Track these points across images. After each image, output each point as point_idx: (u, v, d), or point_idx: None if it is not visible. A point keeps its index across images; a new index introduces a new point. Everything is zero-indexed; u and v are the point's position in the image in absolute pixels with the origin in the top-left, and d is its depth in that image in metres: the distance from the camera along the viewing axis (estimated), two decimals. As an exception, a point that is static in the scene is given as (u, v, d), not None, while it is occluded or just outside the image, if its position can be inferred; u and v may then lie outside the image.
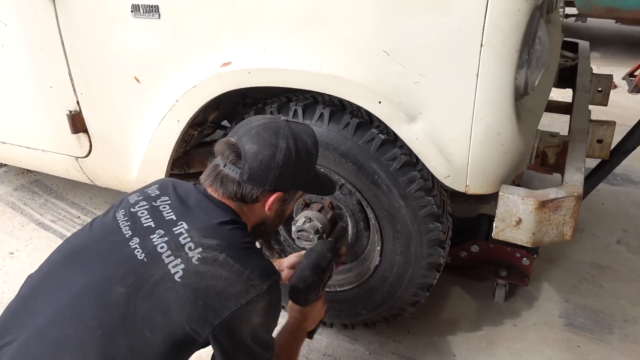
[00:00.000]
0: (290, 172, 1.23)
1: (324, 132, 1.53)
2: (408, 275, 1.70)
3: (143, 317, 1.06)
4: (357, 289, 1.82)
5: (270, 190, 1.23)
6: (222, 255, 1.11)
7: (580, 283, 2.22)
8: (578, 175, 1.47)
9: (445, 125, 1.37)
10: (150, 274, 1.09)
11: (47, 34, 1.78)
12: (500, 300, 2.09)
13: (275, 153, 1.20)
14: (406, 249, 1.65)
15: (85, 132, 1.94)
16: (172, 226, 1.16)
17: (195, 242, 1.12)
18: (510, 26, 1.23)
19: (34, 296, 1.15)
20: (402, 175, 1.52)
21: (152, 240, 1.13)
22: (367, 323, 1.92)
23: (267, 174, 1.20)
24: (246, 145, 1.20)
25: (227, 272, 1.10)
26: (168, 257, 1.10)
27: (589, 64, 2.41)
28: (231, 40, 1.50)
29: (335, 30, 1.37)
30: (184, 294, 1.07)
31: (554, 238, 1.41)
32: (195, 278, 1.08)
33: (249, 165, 1.19)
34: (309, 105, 1.56)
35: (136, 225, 1.17)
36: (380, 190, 1.56)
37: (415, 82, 1.34)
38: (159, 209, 1.20)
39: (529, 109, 1.49)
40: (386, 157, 1.51)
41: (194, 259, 1.10)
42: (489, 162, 1.39)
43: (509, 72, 1.27)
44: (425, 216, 1.58)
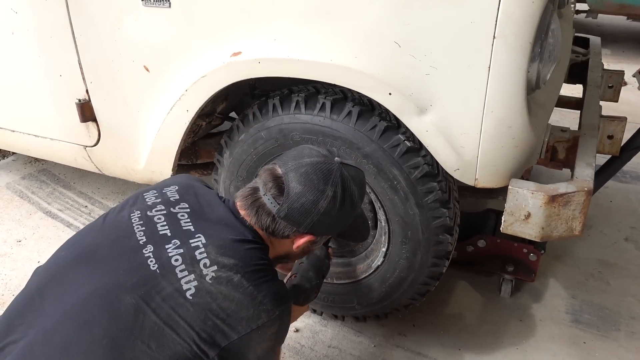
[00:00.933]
0: (329, 221, 1.21)
1: (349, 130, 1.51)
2: (409, 280, 1.71)
3: (151, 331, 1.03)
4: (355, 285, 1.83)
5: (303, 233, 1.22)
6: (237, 276, 1.08)
7: (587, 280, 2.21)
8: (588, 170, 1.46)
9: (456, 117, 1.36)
10: (161, 286, 1.06)
11: (58, 22, 1.78)
12: (506, 295, 2.09)
13: (319, 200, 1.17)
14: (412, 255, 1.65)
15: (94, 121, 1.94)
16: (189, 238, 1.12)
17: (211, 259, 1.09)
18: (524, 18, 1.22)
19: (41, 295, 1.12)
20: (422, 184, 1.52)
21: (167, 251, 1.10)
22: (357, 317, 1.93)
23: (305, 218, 1.18)
24: (291, 183, 1.17)
25: (241, 294, 1.07)
26: (182, 272, 1.07)
27: (600, 59, 2.39)
28: (241, 30, 1.49)
29: (346, 21, 1.37)
30: (194, 312, 1.05)
31: (562, 233, 1.40)
32: (208, 297, 1.06)
33: (289, 204, 1.17)
34: (338, 100, 1.53)
35: (152, 232, 1.14)
36: (397, 196, 1.56)
37: (426, 74, 1.33)
38: (177, 217, 1.17)
39: (540, 103, 1.48)
40: (409, 164, 1.50)
41: (208, 277, 1.07)
42: (499, 156, 1.38)
43: (522, 64, 1.26)
44: (437, 227, 1.58)
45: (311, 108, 1.55)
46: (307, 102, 1.56)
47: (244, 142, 1.68)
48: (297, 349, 1.88)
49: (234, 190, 1.78)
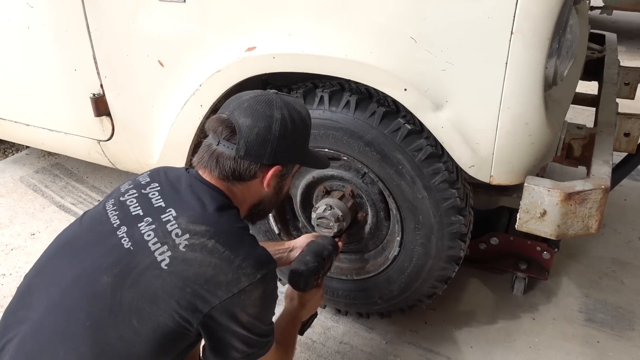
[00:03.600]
0: (287, 143, 1.18)
1: (349, 119, 1.52)
2: (427, 267, 1.69)
3: (130, 307, 1.03)
4: (375, 278, 1.82)
5: (268, 164, 1.18)
6: (210, 241, 1.07)
7: (601, 278, 2.19)
8: (605, 168, 1.45)
9: (472, 114, 1.35)
10: (136, 262, 1.06)
11: (73, 16, 1.79)
12: (519, 293, 2.08)
13: (271, 124, 1.15)
14: (427, 240, 1.63)
15: (108, 116, 1.95)
16: (161, 213, 1.12)
17: (182, 228, 1.08)
18: (542, 13, 1.20)
19: (29, 292, 1.14)
20: (427, 166, 1.51)
21: (140, 229, 1.10)
22: (382, 313, 1.92)
23: (264, 147, 1.15)
24: (240, 119, 1.15)
25: (217, 259, 1.06)
26: (154, 245, 1.07)
27: (616, 56, 2.37)
28: (256, 25, 1.49)
29: (361, 16, 1.36)
30: (171, 282, 1.04)
31: (578, 231, 1.39)
32: (183, 265, 1.05)
33: (244, 139, 1.14)
34: (336, 92, 1.55)
35: (125, 214, 1.14)
36: (404, 181, 1.55)
37: (442, 70, 1.32)
38: (148, 197, 1.16)
39: (557, 99, 1.47)
40: (412, 147, 1.50)
41: (181, 245, 1.06)
42: (515, 153, 1.37)
43: (539, 61, 1.25)
44: (448, 209, 1.56)
45: (310, 103, 1.56)
46: (305, 97, 1.57)
47: None
48: (308, 345, 1.89)
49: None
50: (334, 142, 1.57)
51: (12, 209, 2.71)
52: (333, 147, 1.59)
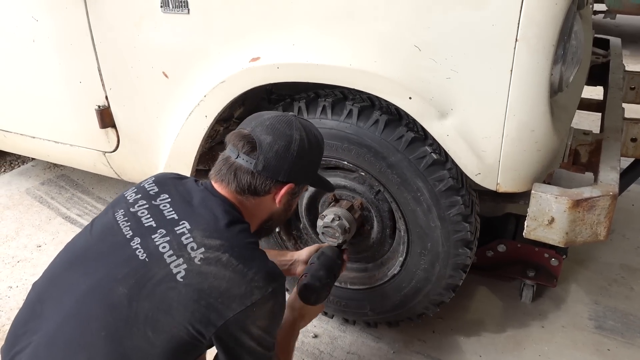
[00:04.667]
0: (303, 163, 1.23)
1: (376, 138, 1.50)
2: (425, 290, 1.71)
3: (146, 318, 1.05)
4: (370, 291, 1.82)
5: (283, 181, 1.22)
6: (225, 255, 1.09)
7: (610, 285, 2.17)
8: (613, 174, 1.44)
9: (477, 121, 1.34)
10: (152, 274, 1.07)
11: (77, 29, 1.80)
12: (527, 301, 2.06)
13: (291, 144, 1.20)
14: (430, 267, 1.64)
15: (113, 127, 1.96)
16: (174, 225, 1.14)
17: (197, 242, 1.10)
18: (546, 20, 1.20)
19: (40, 302, 1.14)
20: (445, 198, 1.51)
21: (154, 240, 1.12)
22: (369, 322, 1.92)
23: (282, 165, 1.20)
24: (261, 136, 1.19)
25: (231, 272, 1.08)
26: (170, 257, 1.09)
27: (621, 61, 2.36)
28: (260, 36, 1.49)
29: (365, 25, 1.36)
30: (186, 294, 1.05)
31: (587, 238, 1.38)
32: (198, 278, 1.07)
33: (264, 155, 1.18)
34: (366, 107, 1.52)
35: (137, 224, 1.16)
36: (419, 208, 1.55)
37: (447, 78, 1.32)
38: (159, 208, 1.18)
39: (563, 106, 1.46)
40: (434, 177, 1.49)
41: (197, 259, 1.08)
42: (522, 160, 1.36)
43: (545, 67, 1.24)
44: (457, 240, 1.57)
45: (338, 114, 1.54)
46: (333, 108, 1.55)
47: None
48: (315, 355, 1.87)
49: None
50: (355, 157, 1.56)
51: (18, 221, 2.72)
52: (353, 161, 1.58)
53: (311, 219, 1.88)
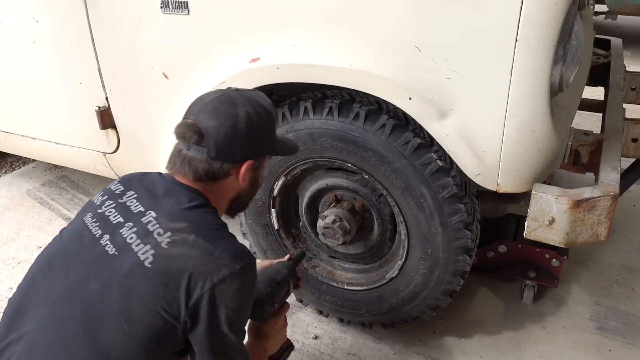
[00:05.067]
0: (256, 138, 1.19)
1: (382, 142, 1.50)
2: (422, 295, 1.71)
3: (119, 310, 1.04)
4: (366, 293, 1.82)
5: (240, 160, 1.19)
6: (191, 236, 1.08)
7: (612, 286, 2.16)
8: (614, 175, 1.43)
9: (477, 122, 1.34)
10: (121, 265, 1.07)
11: (78, 30, 1.80)
12: (528, 301, 2.05)
13: (237, 122, 1.16)
14: (429, 272, 1.64)
15: (113, 128, 1.96)
16: (141, 217, 1.13)
17: (164, 227, 1.10)
18: (546, 20, 1.20)
19: (19, 314, 1.14)
20: (449, 205, 1.51)
21: (122, 234, 1.11)
22: (364, 323, 1.92)
23: (234, 146, 1.16)
24: (206, 123, 1.15)
25: (198, 251, 1.07)
26: (137, 246, 1.08)
27: (622, 61, 2.35)
28: (260, 36, 1.49)
29: (365, 26, 1.36)
30: (155, 279, 1.04)
31: (587, 239, 1.38)
32: (166, 261, 1.06)
33: (214, 141, 1.15)
34: (372, 111, 1.51)
35: (105, 223, 1.15)
36: (422, 214, 1.55)
37: (447, 78, 1.32)
38: (126, 205, 1.17)
39: (563, 106, 1.46)
40: (438, 183, 1.49)
41: (163, 243, 1.07)
42: (522, 160, 1.36)
43: (545, 67, 1.24)
44: (457, 247, 1.57)
45: (345, 115, 1.53)
46: (340, 109, 1.54)
47: None
48: (316, 356, 1.87)
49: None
50: (359, 160, 1.56)
51: (19, 222, 2.72)
52: (358, 164, 1.58)
53: (311, 219, 1.88)
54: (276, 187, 1.78)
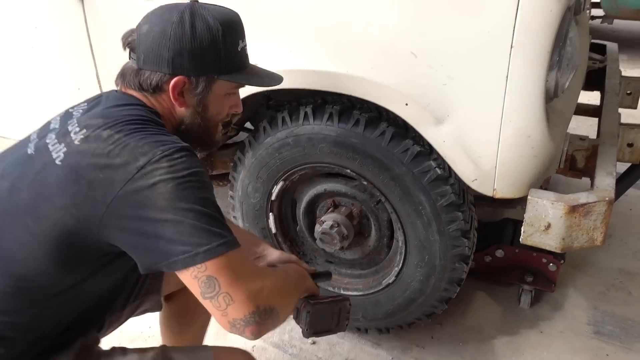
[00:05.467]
0: (187, 49, 1.05)
1: (382, 149, 1.50)
2: (418, 302, 1.71)
3: (26, 207, 0.99)
4: (363, 298, 1.83)
5: (170, 74, 1.07)
6: (106, 131, 0.99)
7: (609, 290, 2.17)
8: (609, 180, 1.44)
9: (474, 127, 1.35)
10: (34, 164, 1.02)
11: (76, 35, 1.80)
12: (525, 306, 2.06)
13: (166, 28, 1.05)
14: (426, 279, 1.65)
15: (111, 134, 1.96)
16: (68, 119, 1.06)
17: (81, 125, 1.02)
18: (541, 27, 1.21)
19: None
20: (446, 213, 1.52)
21: (46, 137, 1.05)
22: (359, 328, 1.93)
23: (160, 53, 1.05)
24: (141, 27, 1.08)
25: (111, 145, 0.97)
26: (53, 146, 1.01)
27: (617, 66, 2.37)
28: (257, 43, 1.49)
29: (362, 32, 1.37)
30: (64, 176, 0.97)
31: (584, 244, 1.38)
32: (76, 157, 0.98)
33: (142, 47, 1.06)
34: (372, 118, 1.51)
35: (43, 129, 1.10)
36: (420, 221, 1.55)
37: (444, 84, 1.33)
38: (72, 113, 1.10)
39: (559, 111, 1.47)
40: (436, 191, 1.50)
41: (77, 140, 0.99)
42: (518, 166, 1.37)
43: (540, 73, 1.25)
44: (454, 255, 1.58)
45: (344, 122, 1.53)
46: (341, 116, 1.54)
47: (270, 146, 1.68)
48: (314, 361, 1.87)
49: (252, 190, 1.79)
50: (359, 166, 1.56)
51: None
52: (357, 170, 1.58)
53: (308, 223, 1.89)
54: (274, 191, 1.78)
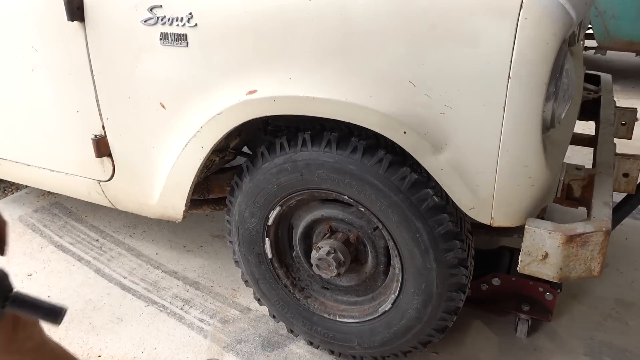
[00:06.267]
0: None
1: (380, 177, 1.51)
2: (415, 330, 1.70)
3: None
4: (358, 325, 1.81)
5: None
6: None
7: (605, 320, 2.16)
8: (606, 210, 1.45)
9: (471, 156, 1.36)
10: None
11: (77, 59, 1.82)
12: (522, 335, 2.04)
13: None
14: (423, 307, 1.64)
15: (109, 156, 1.96)
16: None
17: None
18: (538, 59, 1.23)
19: None
20: (444, 241, 1.52)
21: None
22: (354, 356, 1.90)
23: None
24: None
25: None
26: None
27: (612, 96, 2.40)
28: (257, 69, 1.52)
29: (361, 61, 1.38)
30: None
31: (581, 274, 1.38)
32: None
33: None
34: (370, 145, 1.52)
35: None
36: (417, 249, 1.55)
37: (441, 113, 1.34)
38: None
39: (555, 141, 1.48)
40: (434, 219, 1.50)
41: None
42: (515, 195, 1.37)
43: (537, 104, 1.26)
44: (452, 284, 1.58)
45: (342, 148, 1.54)
46: (339, 142, 1.55)
47: (267, 171, 1.68)
48: (308, 390, 1.84)
49: (249, 215, 1.79)
50: (356, 193, 1.57)
51: (9, 248, 2.69)
52: (354, 197, 1.58)
53: (305, 249, 1.88)
54: (271, 216, 1.77)
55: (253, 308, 2.24)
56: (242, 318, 2.20)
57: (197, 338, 2.10)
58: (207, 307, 2.27)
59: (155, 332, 2.14)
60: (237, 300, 2.31)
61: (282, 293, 1.92)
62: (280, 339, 2.07)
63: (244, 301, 2.30)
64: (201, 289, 2.40)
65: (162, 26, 1.59)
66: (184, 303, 2.30)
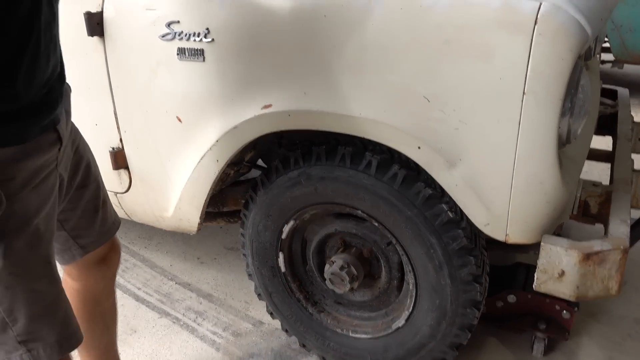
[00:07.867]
0: None
1: (393, 192, 1.51)
2: (429, 347, 1.68)
3: None
4: (372, 341, 1.79)
5: None
6: None
7: (625, 340, 2.11)
8: (623, 227, 1.43)
9: (486, 172, 1.35)
10: None
11: (96, 74, 1.85)
12: (539, 354, 2.00)
13: None
14: (437, 324, 1.63)
15: (126, 169, 1.98)
16: None
17: None
18: (553, 75, 1.22)
19: None
20: (458, 257, 1.51)
21: None
22: None
23: None
24: None
25: None
26: None
27: (629, 111, 2.38)
28: (272, 84, 1.53)
29: (375, 76, 1.39)
30: None
31: (599, 293, 1.36)
32: None
33: None
34: (384, 160, 1.53)
35: None
36: (431, 264, 1.54)
37: (456, 129, 1.34)
38: None
39: (571, 157, 1.47)
40: (448, 235, 1.50)
41: None
42: (531, 212, 1.36)
43: (552, 120, 1.26)
44: (466, 300, 1.57)
45: (356, 163, 1.54)
46: (353, 157, 1.55)
47: (282, 184, 1.69)
48: (320, 406, 1.83)
49: (262, 228, 1.79)
50: (370, 208, 1.57)
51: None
52: (368, 211, 1.59)
53: (318, 263, 1.88)
54: (285, 230, 1.78)
55: (266, 321, 2.24)
56: (254, 331, 2.20)
57: (209, 351, 2.10)
58: (220, 320, 2.27)
59: (168, 344, 2.14)
60: (250, 313, 2.31)
61: (295, 307, 1.92)
62: (292, 354, 2.06)
63: (257, 314, 2.29)
64: (214, 301, 2.40)
65: (179, 41, 1.61)
66: (197, 315, 2.31)
